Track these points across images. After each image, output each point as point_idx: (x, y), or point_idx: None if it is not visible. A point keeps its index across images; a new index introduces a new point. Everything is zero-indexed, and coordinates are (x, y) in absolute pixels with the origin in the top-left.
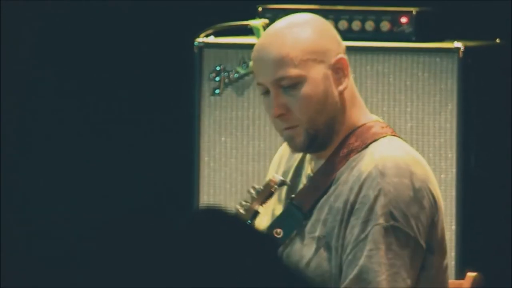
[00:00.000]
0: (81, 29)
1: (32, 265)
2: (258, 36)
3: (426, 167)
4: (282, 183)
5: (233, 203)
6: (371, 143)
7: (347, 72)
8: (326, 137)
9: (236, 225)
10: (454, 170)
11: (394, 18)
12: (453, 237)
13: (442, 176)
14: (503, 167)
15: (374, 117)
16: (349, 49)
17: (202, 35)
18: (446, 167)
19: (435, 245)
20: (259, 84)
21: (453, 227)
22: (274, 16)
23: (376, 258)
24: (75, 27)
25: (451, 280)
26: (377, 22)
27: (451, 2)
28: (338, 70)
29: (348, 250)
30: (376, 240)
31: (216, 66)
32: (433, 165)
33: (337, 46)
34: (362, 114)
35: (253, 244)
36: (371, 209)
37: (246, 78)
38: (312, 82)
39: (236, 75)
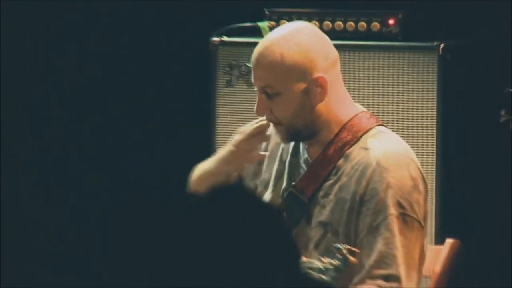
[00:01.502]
0: (104, 29)
1: (32, 265)
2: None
3: (411, 152)
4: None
5: None
6: (362, 135)
7: (326, 88)
8: (309, 133)
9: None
10: (434, 153)
11: (383, 20)
12: (433, 208)
13: (424, 158)
14: (480, 150)
15: (360, 108)
16: (343, 47)
17: (217, 34)
18: (427, 150)
19: (425, 220)
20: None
21: (434, 199)
22: (279, 18)
23: (393, 244)
24: (94, 27)
25: (431, 246)
26: (368, 23)
27: (434, 2)
28: (318, 86)
29: (361, 236)
30: (391, 228)
31: (229, 61)
32: (416, 149)
33: (323, 62)
34: (350, 109)
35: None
36: (381, 201)
37: None
38: (290, 95)
39: (246, 69)
